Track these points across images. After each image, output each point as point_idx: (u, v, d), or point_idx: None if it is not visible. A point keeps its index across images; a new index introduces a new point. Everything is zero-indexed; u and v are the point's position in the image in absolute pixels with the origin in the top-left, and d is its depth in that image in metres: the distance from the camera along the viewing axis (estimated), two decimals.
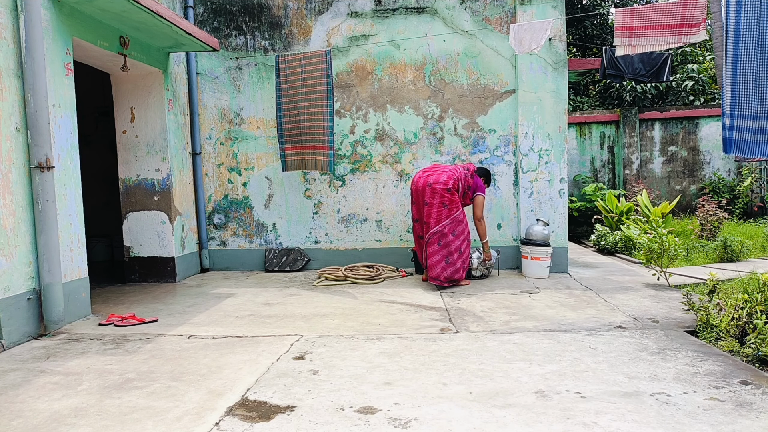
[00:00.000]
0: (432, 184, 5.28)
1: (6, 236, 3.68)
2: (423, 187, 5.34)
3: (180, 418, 2.49)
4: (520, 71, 6.05)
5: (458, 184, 5.36)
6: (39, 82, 3.85)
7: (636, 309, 4.36)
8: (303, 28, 6.43)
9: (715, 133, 10.86)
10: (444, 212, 5.27)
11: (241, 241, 6.65)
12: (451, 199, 5.28)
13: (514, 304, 4.63)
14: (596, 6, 14.71)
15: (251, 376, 3.01)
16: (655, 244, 5.19)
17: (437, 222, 5.28)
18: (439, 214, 5.28)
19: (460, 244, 5.35)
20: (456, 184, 5.33)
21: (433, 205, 5.28)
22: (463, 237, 5.39)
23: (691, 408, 2.49)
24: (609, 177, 11.17)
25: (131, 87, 5.87)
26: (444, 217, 5.27)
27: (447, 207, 5.28)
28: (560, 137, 6.06)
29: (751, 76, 3.82)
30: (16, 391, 2.87)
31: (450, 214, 5.28)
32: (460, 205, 5.36)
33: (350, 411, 2.53)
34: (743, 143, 3.95)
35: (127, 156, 5.96)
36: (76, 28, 4.43)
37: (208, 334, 3.86)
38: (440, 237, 5.28)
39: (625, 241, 7.59)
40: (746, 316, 3.40)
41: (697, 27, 4.64)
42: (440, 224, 5.27)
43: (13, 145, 3.77)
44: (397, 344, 3.54)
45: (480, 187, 5.57)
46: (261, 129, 6.54)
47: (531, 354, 3.30)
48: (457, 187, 5.35)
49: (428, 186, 5.30)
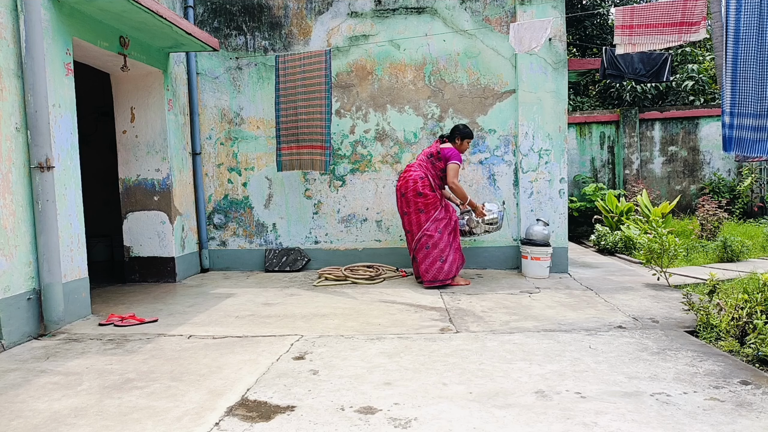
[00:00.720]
0: (405, 194, 5.37)
1: (6, 236, 3.68)
2: (399, 196, 5.45)
3: (180, 418, 2.49)
4: (520, 71, 6.05)
5: (427, 180, 5.34)
6: (39, 82, 3.85)
7: (636, 309, 4.36)
8: (303, 28, 6.43)
9: (715, 133, 10.86)
10: (422, 217, 5.35)
11: (241, 241, 6.65)
12: (425, 202, 5.33)
13: (514, 304, 4.63)
14: (596, 6, 14.71)
15: (251, 376, 3.01)
16: (655, 244, 5.19)
17: (419, 228, 5.36)
18: (419, 220, 5.36)
19: (448, 237, 5.39)
20: (425, 182, 5.32)
21: (410, 213, 5.39)
22: (450, 228, 5.42)
23: (691, 408, 2.49)
24: (609, 177, 11.17)
25: (131, 87, 5.87)
26: (424, 221, 5.35)
27: (423, 212, 5.35)
28: (560, 137, 6.06)
29: (750, 75, 3.81)
30: (16, 391, 2.87)
31: (429, 217, 5.35)
32: (438, 203, 5.39)
33: (350, 411, 2.53)
34: (743, 141, 3.95)
35: (127, 156, 5.96)
36: (76, 28, 4.43)
37: (208, 334, 3.86)
38: (427, 239, 5.33)
39: (625, 241, 7.59)
40: (746, 316, 3.40)
41: (697, 25, 4.64)
42: (422, 229, 5.34)
43: (13, 145, 3.77)
44: (397, 344, 3.54)
45: (451, 156, 5.36)
46: (261, 129, 6.54)
47: (531, 354, 3.30)
48: (428, 184, 5.34)
49: (402, 197, 5.41)
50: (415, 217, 5.36)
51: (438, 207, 5.38)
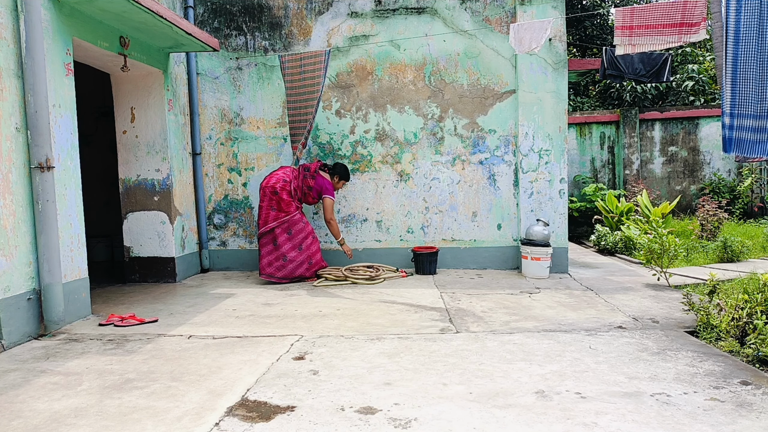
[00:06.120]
0: (263, 187, 5.68)
1: (6, 236, 3.68)
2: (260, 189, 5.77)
3: (180, 419, 2.49)
4: (520, 71, 6.05)
5: (289, 186, 5.66)
6: (39, 82, 3.85)
7: (636, 309, 4.36)
8: (303, 28, 6.43)
9: (715, 134, 10.86)
10: (272, 214, 5.64)
11: (241, 242, 6.65)
12: (279, 200, 5.60)
13: (514, 304, 4.63)
14: (596, 6, 14.71)
15: (251, 376, 3.01)
16: (655, 244, 5.19)
17: (265, 223, 5.66)
18: (267, 215, 5.66)
19: (299, 242, 5.68)
20: (286, 186, 5.64)
21: (262, 207, 5.68)
22: (303, 236, 5.71)
23: (691, 408, 2.49)
24: (609, 177, 11.17)
25: (131, 87, 5.87)
26: (272, 219, 5.64)
27: (275, 209, 5.64)
28: (560, 137, 6.06)
29: (751, 75, 3.81)
30: (16, 391, 2.87)
31: (278, 216, 5.63)
32: (292, 208, 5.66)
33: (350, 411, 2.53)
34: (743, 142, 3.95)
35: (127, 156, 5.96)
36: (77, 29, 4.43)
37: (208, 334, 3.86)
38: (273, 238, 5.65)
39: (626, 242, 7.59)
40: (746, 316, 3.40)
41: (697, 26, 4.64)
42: (267, 225, 5.64)
43: (13, 146, 3.77)
44: (397, 344, 3.54)
45: (326, 188, 5.80)
46: (261, 129, 6.54)
47: (531, 354, 3.30)
48: (288, 189, 5.64)
49: (260, 189, 5.72)
50: (265, 212, 5.72)
51: (292, 211, 5.68)
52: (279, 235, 5.64)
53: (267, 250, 5.67)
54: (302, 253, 5.72)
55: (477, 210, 6.36)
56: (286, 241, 5.64)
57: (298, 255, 5.70)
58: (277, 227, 5.64)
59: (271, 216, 5.65)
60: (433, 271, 6.12)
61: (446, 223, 6.41)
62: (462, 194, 6.37)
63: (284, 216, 5.65)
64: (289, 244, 5.66)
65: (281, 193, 5.61)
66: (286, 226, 5.65)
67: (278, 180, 5.67)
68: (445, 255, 6.38)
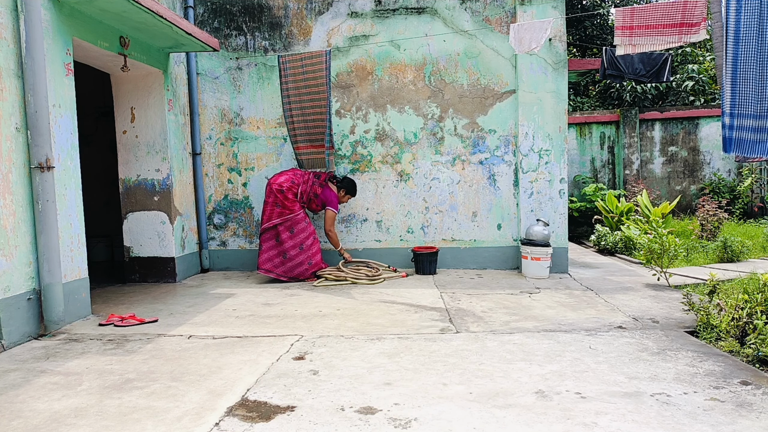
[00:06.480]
0: (270, 184, 5.73)
1: (6, 236, 3.68)
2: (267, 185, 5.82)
3: (180, 419, 2.49)
4: (520, 71, 6.05)
5: (296, 188, 5.71)
6: (39, 82, 3.85)
7: (636, 309, 4.36)
8: (303, 28, 6.43)
9: (715, 134, 10.86)
10: (276, 211, 5.68)
11: (241, 242, 6.65)
12: (284, 198, 5.65)
13: (514, 304, 4.63)
14: (596, 6, 14.71)
15: (251, 376, 3.01)
16: (655, 244, 5.19)
17: (268, 219, 5.70)
18: (271, 212, 5.70)
19: (300, 241, 5.71)
20: (293, 187, 5.69)
21: (267, 203, 5.72)
22: (305, 236, 5.74)
23: (691, 408, 2.49)
24: (609, 177, 11.17)
25: (131, 87, 5.87)
26: (275, 216, 5.68)
27: (279, 206, 5.67)
28: (560, 137, 6.06)
29: (751, 75, 3.81)
30: (16, 391, 2.87)
31: (282, 214, 5.66)
32: (296, 207, 5.70)
33: (350, 411, 2.53)
34: (743, 142, 3.95)
35: (127, 156, 5.96)
36: (77, 28, 4.43)
37: (208, 334, 3.86)
38: (275, 234, 5.70)
39: (626, 242, 7.59)
40: (746, 316, 3.40)
41: (697, 26, 4.64)
42: (270, 221, 5.68)
43: (13, 146, 3.77)
44: (397, 344, 3.54)
45: (331, 200, 5.86)
46: (261, 129, 6.54)
47: (531, 354, 3.30)
48: (295, 191, 5.70)
49: (267, 185, 5.76)
50: (270, 208, 5.75)
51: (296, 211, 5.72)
52: (282, 232, 5.68)
53: (268, 246, 5.72)
54: (303, 253, 5.74)
55: (477, 210, 6.36)
56: (288, 239, 5.68)
57: (298, 254, 5.72)
58: (281, 224, 5.67)
59: (276, 213, 5.68)
60: (433, 271, 6.12)
61: (446, 223, 6.41)
62: (462, 194, 6.37)
63: (288, 214, 5.68)
64: (291, 242, 5.69)
65: (287, 192, 5.66)
66: (289, 224, 5.68)
67: (287, 179, 5.73)
68: (445, 255, 6.38)
